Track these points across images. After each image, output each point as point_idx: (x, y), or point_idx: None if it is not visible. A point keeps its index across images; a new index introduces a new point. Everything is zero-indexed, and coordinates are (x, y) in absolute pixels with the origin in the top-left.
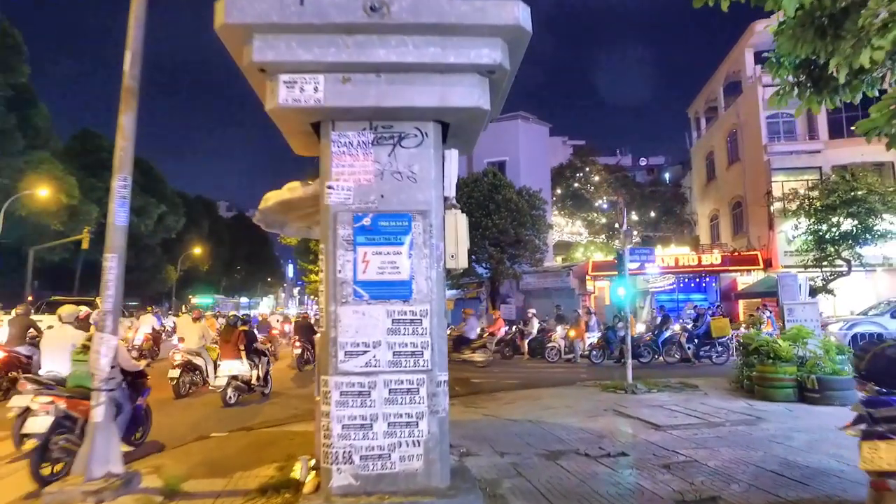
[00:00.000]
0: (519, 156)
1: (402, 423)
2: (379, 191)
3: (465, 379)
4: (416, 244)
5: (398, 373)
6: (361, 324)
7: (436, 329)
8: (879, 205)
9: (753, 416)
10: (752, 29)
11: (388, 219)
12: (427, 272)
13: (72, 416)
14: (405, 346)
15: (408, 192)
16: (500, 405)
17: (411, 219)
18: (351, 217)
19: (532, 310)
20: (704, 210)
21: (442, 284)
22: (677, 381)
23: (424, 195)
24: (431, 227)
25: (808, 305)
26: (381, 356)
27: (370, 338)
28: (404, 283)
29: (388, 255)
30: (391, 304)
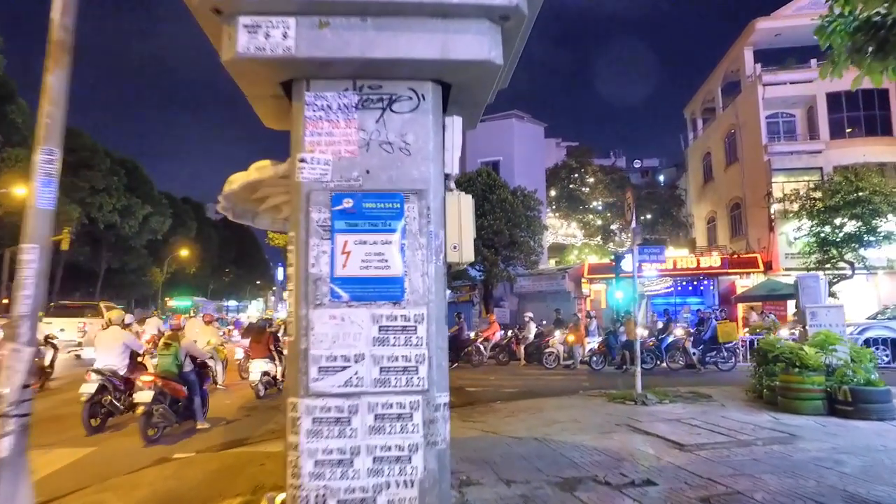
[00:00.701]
0: (513, 156)
1: (390, 457)
2: (364, 165)
3: (460, 388)
4: (410, 232)
5: (386, 394)
6: (340, 332)
7: (434, 338)
8: (884, 205)
9: (786, 434)
10: (752, 27)
11: (375, 199)
12: (423, 267)
13: (165, 392)
14: (395, 361)
15: (400, 167)
16: (499, 418)
17: (404, 200)
18: (328, 197)
19: (528, 313)
20: (701, 212)
21: (442, 282)
22: (688, 390)
23: (420, 171)
24: (429, 211)
25: (833, 309)
26: (365, 373)
27: (351, 350)
28: (395, 281)
29: (375, 246)
30: (378, 307)
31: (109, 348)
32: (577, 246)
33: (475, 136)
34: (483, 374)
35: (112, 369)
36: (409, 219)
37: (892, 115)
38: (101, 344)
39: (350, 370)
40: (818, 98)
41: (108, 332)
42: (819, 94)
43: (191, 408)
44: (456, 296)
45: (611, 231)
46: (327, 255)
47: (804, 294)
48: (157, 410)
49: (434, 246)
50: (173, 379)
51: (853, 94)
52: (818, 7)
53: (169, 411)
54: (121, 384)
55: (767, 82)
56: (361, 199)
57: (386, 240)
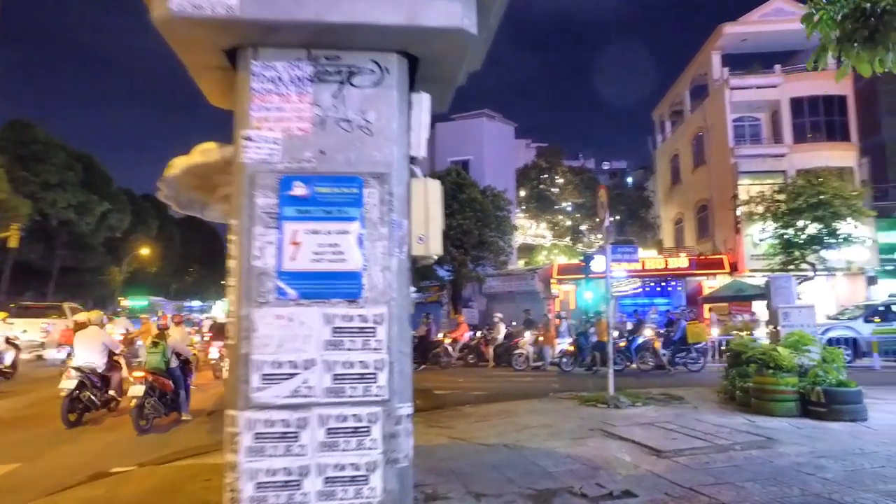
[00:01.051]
0: (483, 155)
1: (345, 477)
2: (318, 145)
3: (427, 391)
4: (370, 220)
5: (340, 405)
6: (287, 334)
7: (396, 342)
8: (844, 209)
9: (763, 437)
10: (719, 32)
11: (330, 183)
12: (385, 260)
13: (154, 386)
14: (351, 367)
15: (360, 147)
16: (468, 424)
17: (363, 185)
18: (276, 180)
19: (498, 314)
20: (669, 214)
21: (406, 278)
22: (660, 392)
23: (383, 153)
24: (392, 198)
25: (805, 309)
26: (316, 381)
27: (300, 354)
28: (351, 276)
29: (329, 236)
30: (332, 306)
31: (89, 347)
32: (547, 246)
33: (445, 135)
34: (451, 376)
35: (91, 367)
36: (368, 206)
37: (849, 121)
38: (80, 343)
39: (298, 378)
40: (782, 103)
41: (88, 332)
42: (783, 100)
43: (177, 401)
44: (424, 296)
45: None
46: (274, 245)
47: (777, 295)
48: (148, 403)
49: (397, 237)
50: (162, 374)
51: (815, 100)
52: (782, 14)
53: (159, 403)
54: (98, 381)
55: (734, 86)
56: (315, 182)
57: (342, 229)
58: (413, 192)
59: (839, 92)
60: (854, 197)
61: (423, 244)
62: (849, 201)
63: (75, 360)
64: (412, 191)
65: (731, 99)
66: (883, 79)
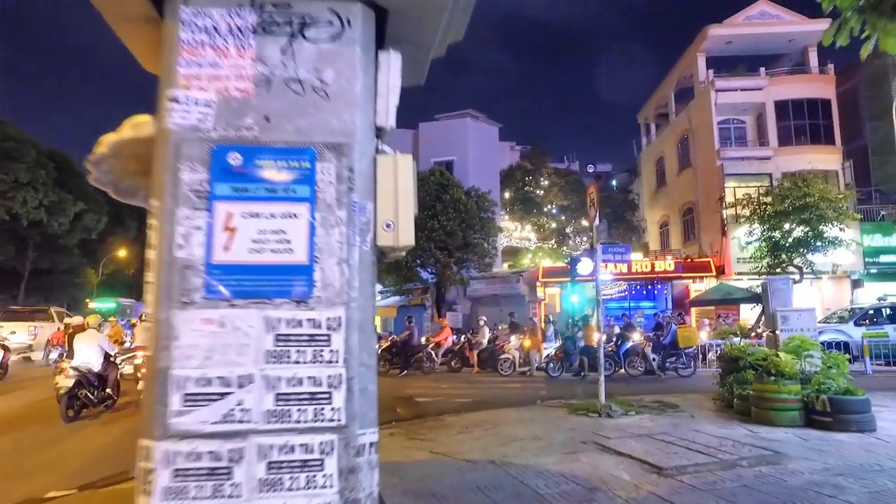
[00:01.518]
0: (467, 156)
1: None
2: (262, 110)
3: (409, 398)
4: (325, 202)
5: (285, 432)
6: (218, 343)
7: (356, 352)
8: (830, 211)
9: (769, 451)
10: (704, 33)
11: (275, 156)
12: (342, 251)
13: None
14: (299, 384)
15: (313, 113)
16: (450, 435)
17: (317, 157)
18: (207, 151)
19: (482, 317)
20: (654, 216)
21: (369, 274)
22: (653, 399)
23: (342, 120)
24: (352, 174)
25: (805, 312)
26: (254, 402)
27: (234, 369)
28: (300, 271)
29: (273, 220)
30: (275, 308)
31: (87, 348)
32: (532, 249)
33: (428, 135)
34: (434, 382)
35: (88, 367)
36: (322, 184)
37: (833, 125)
38: (79, 344)
39: (231, 399)
40: (767, 106)
41: (86, 334)
42: (768, 102)
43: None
44: (407, 299)
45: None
46: (202, 232)
47: (774, 297)
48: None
49: (358, 223)
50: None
51: (799, 103)
52: (766, 18)
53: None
54: (95, 380)
55: (720, 88)
56: (256, 154)
57: (289, 212)
58: (379, 168)
59: (823, 95)
60: (840, 200)
61: (391, 232)
62: (835, 204)
63: (74, 360)
64: (378, 167)
65: (717, 101)
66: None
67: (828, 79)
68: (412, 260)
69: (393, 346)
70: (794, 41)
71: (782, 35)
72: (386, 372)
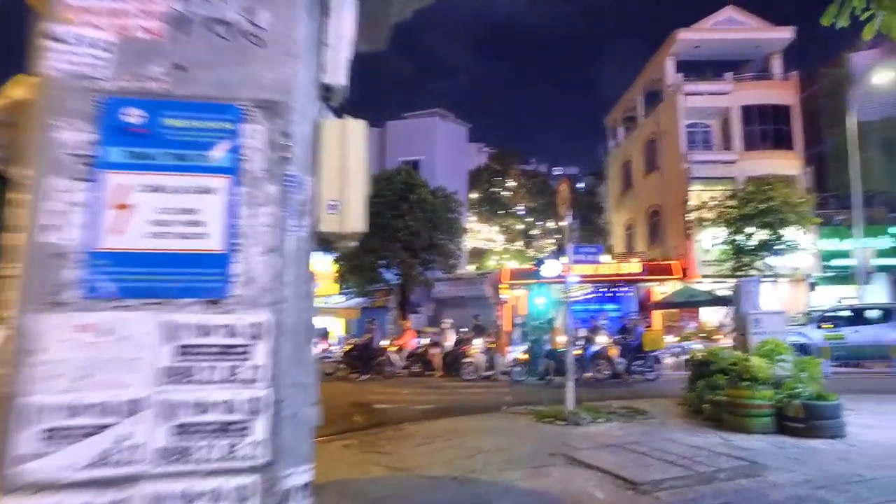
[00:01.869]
0: (435, 155)
1: None
2: (176, 56)
3: (368, 404)
4: (251, 174)
5: (187, 476)
6: (96, 358)
7: (287, 368)
8: (791, 215)
9: (746, 461)
10: (673, 37)
11: (188, 113)
12: (272, 237)
13: None
14: (205, 412)
15: (242, 63)
16: (410, 447)
17: (242, 117)
18: (96, 105)
19: (447, 320)
20: (620, 219)
21: (307, 266)
22: (621, 405)
23: (278, 73)
24: (288, 142)
25: (776, 315)
26: (145, 436)
27: (117, 392)
28: (214, 261)
29: (182, 196)
30: (178, 310)
31: None
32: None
33: (396, 134)
34: (395, 387)
35: None
36: (249, 152)
37: (794, 131)
38: None
39: (113, 432)
40: (733, 111)
41: None
42: (734, 107)
43: None
44: (370, 301)
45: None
46: (83, 209)
47: (745, 299)
48: None
49: (295, 203)
50: None
51: (764, 109)
52: (733, 24)
53: None
54: None
55: (688, 92)
56: (163, 110)
57: (203, 186)
58: (324, 136)
59: (786, 102)
60: (801, 204)
61: (336, 214)
62: (796, 209)
63: None
64: (323, 135)
65: (685, 104)
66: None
67: (791, 86)
68: (376, 260)
69: (353, 350)
70: (759, 47)
71: (748, 41)
72: (346, 376)
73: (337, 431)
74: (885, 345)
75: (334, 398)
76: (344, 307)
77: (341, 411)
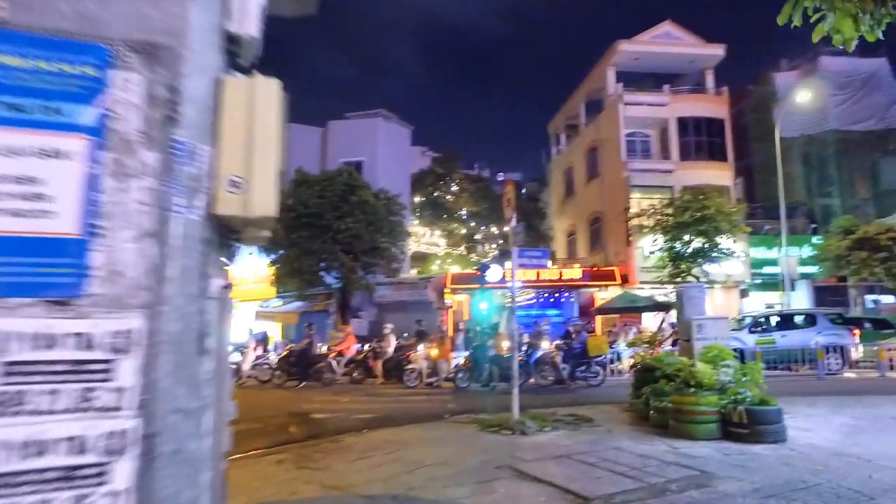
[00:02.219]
0: (377, 157)
1: None
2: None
3: (304, 414)
4: (120, 136)
5: None
6: None
7: (167, 388)
8: (725, 224)
9: (695, 469)
10: (614, 48)
11: (32, 50)
12: (148, 219)
13: None
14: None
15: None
16: (348, 462)
17: (109, 61)
18: None
19: (388, 325)
20: (562, 225)
21: (199, 258)
22: (567, 412)
23: (166, 11)
24: (177, 98)
25: (720, 320)
26: None
27: None
28: (64, 248)
29: (18, 160)
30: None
31: None
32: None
33: (337, 134)
34: (334, 394)
35: None
36: (120, 107)
37: (726, 143)
38: None
39: None
40: (670, 122)
41: None
42: (671, 118)
43: None
44: (309, 305)
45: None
46: None
47: (689, 305)
48: None
49: (183, 176)
50: None
51: (699, 121)
52: (670, 38)
53: None
54: None
55: (628, 101)
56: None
57: (49, 148)
58: (227, 96)
59: (718, 115)
60: (733, 214)
61: (239, 195)
62: (729, 217)
63: None
64: (226, 94)
65: (625, 114)
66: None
67: (722, 100)
68: (316, 263)
69: (291, 356)
70: (693, 62)
71: (683, 56)
72: (282, 384)
73: (271, 445)
74: (811, 348)
75: (269, 408)
76: (281, 311)
77: (276, 422)
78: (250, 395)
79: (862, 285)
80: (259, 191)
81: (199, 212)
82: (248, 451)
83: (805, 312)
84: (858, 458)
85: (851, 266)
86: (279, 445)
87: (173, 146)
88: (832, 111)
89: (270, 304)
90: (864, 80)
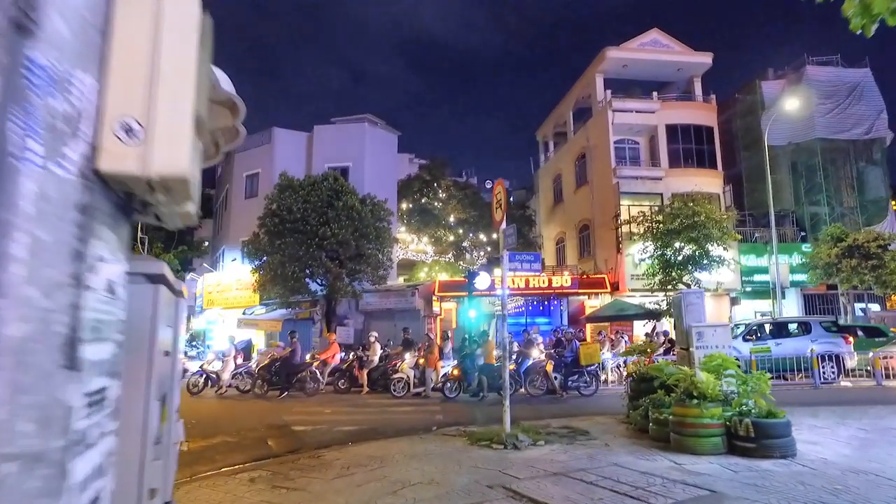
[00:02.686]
0: (364, 163)
1: None
2: None
3: (284, 426)
4: None
5: None
6: None
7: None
8: (715, 231)
9: (704, 489)
10: (603, 55)
11: None
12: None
13: None
14: None
15: None
16: (327, 480)
17: None
18: None
19: (374, 333)
20: (550, 233)
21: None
22: (561, 424)
23: None
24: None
25: (721, 328)
26: None
27: None
28: None
29: None
30: None
31: None
32: (428, 263)
33: (323, 139)
34: (317, 405)
35: None
36: None
37: (716, 151)
38: None
39: None
40: (659, 129)
41: None
42: (660, 125)
43: None
44: (294, 312)
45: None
46: None
47: (688, 312)
48: None
49: (43, 112)
50: None
51: (687, 129)
52: (658, 45)
53: None
54: None
55: (617, 108)
56: None
57: None
58: (119, 9)
59: (707, 123)
60: (724, 220)
61: (134, 144)
62: (719, 224)
63: None
64: (117, 6)
65: (614, 121)
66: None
67: (710, 108)
68: (300, 269)
69: (272, 365)
70: (681, 70)
71: (671, 63)
72: (263, 394)
73: (246, 460)
74: (806, 356)
75: (247, 419)
76: (265, 319)
77: (253, 435)
78: (229, 405)
79: (851, 293)
80: (164, 141)
81: (72, 166)
82: (220, 468)
83: (799, 320)
84: (877, 476)
85: (841, 274)
86: (255, 461)
87: (28, 69)
88: (818, 120)
89: (254, 311)
90: (849, 89)
